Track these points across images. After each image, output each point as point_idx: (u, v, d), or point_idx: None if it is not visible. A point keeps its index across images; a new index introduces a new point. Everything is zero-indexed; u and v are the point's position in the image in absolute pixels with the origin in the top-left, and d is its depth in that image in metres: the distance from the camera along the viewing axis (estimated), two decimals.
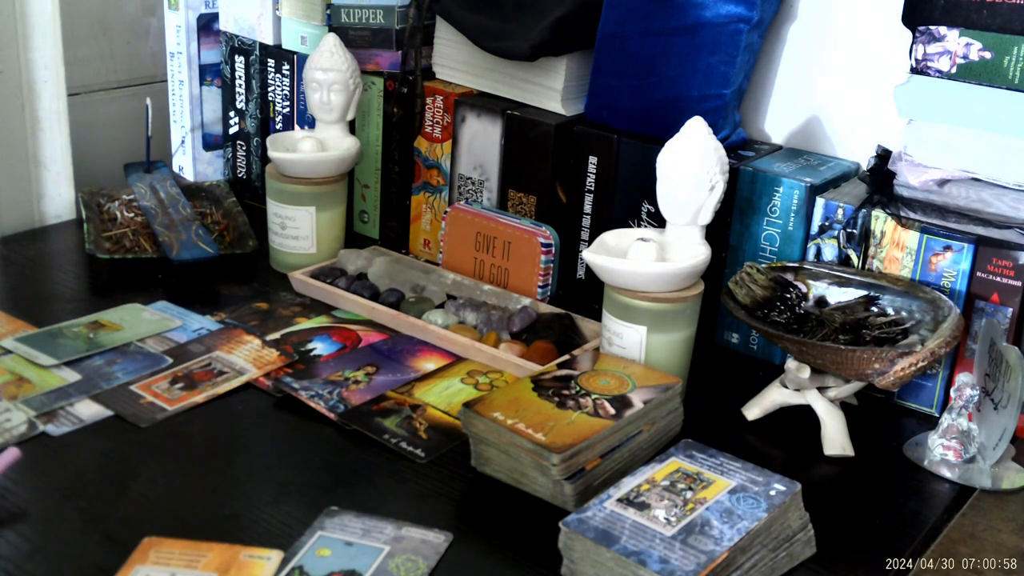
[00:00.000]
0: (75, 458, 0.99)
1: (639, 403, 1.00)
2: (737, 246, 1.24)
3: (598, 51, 1.30)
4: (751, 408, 1.13)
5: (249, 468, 1.00)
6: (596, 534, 0.83)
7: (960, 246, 1.11)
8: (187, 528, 0.90)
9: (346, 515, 0.92)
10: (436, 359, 1.20)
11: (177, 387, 1.11)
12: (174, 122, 1.65)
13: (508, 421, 0.96)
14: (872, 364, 1.02)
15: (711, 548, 0.82)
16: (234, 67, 1.59)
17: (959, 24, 1.08)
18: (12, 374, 1.10)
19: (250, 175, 1.63)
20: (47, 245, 1.46)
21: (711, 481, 0.90)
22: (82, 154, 1.56)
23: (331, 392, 1.11)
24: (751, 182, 1.22)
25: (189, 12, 1.59)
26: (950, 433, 1.06)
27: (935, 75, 1.10)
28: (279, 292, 1.35)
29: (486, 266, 1.34)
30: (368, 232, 1.54)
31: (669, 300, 1.10)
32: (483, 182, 1.40)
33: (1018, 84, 1.06)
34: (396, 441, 1.04)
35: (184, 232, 1.38)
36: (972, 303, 1.11)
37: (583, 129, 1.32)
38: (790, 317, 1.14)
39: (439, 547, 0.89)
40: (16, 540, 0.88)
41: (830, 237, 1.18)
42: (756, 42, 1.27)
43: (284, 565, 0.85)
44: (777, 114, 1.34)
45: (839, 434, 1.07)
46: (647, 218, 1.29)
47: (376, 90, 1.47)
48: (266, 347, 1.19)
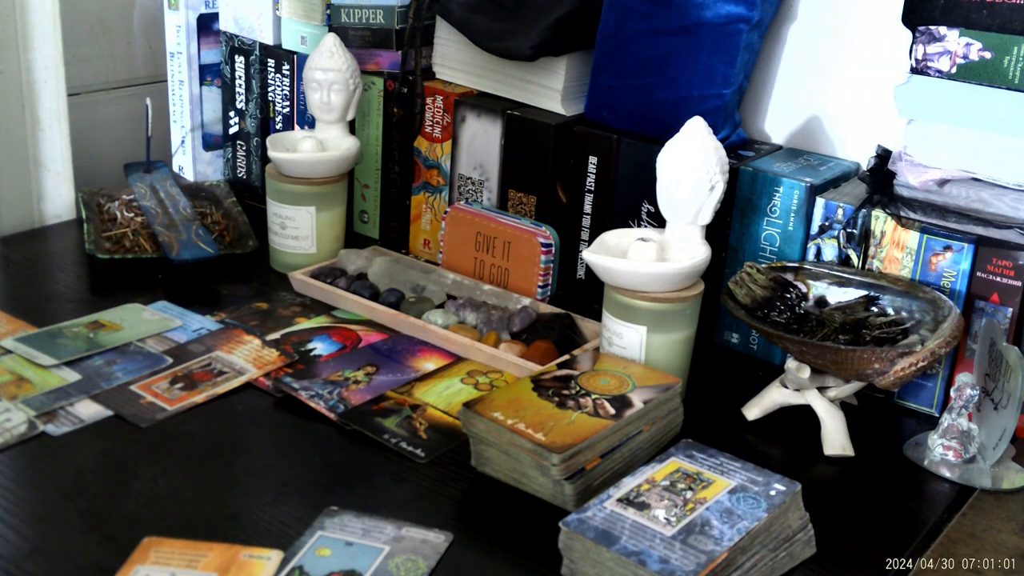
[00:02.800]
0: (75, 458, 0.99)
1: (639, 403, 1.00)
2: (737, 246, 1.24)
3: (598, 51, 1.30)
4: (751, 408, 1.13)
5: (249, 468, 1.00)
6: (596, 534, 0.83)
7: (960, 246, 1.11)
8: (187, 528, 0.90)
9: (346, 515, 0.92)
10: (436, 359, 1.20)
11: (177, 387, 1.11)
12: (174, 122, 1.65)
13: (508, 421, 0.96)
14: (872, 364, 1.02)
15: (711, 548, 0.82)
16: (234, 67, 1.59)
17: (959, 24, 1.08)
18: (12, 374, 1.10)
19: (250, 175, 1.63)
20: (47, 245, 1.46)
21: (711, 481, 0.90)
22: (82, 154, 1.56)
23: (331, 392, 1.11)
24: (751, 182, 1.22)
25: (189, 12, 1.59)
26: (950, 433, 1.06)
27: (935, 75, 1.10)
28: (279, 292, 1.35)
29: (486, 266, 1.34)
30: (368, 232, 1.54)
31: (669, 300, 1.10)
32: (483, 182, 1.40)
33: (1018, 84, 1.06)
34: (396, 441, 1.04)
35: (184, 232, 1.38)
36: (972, 303, 1.11)
37: (583, 129, 1.32)
38: (790, 317, 1.14)
39: (439, 547, 0.89)
40: (16, 540, 0.88)
41: (830, 237, 1.18)
42: (756, 42, 1.27)
43: (284, 565, 0.85)
44: (777, 114, 1.34)
45: (839, 434, 1.07)
46: (647, 218, 1.29)
47: (376, 90, 1.47)
48: (266, 347, 1.19)
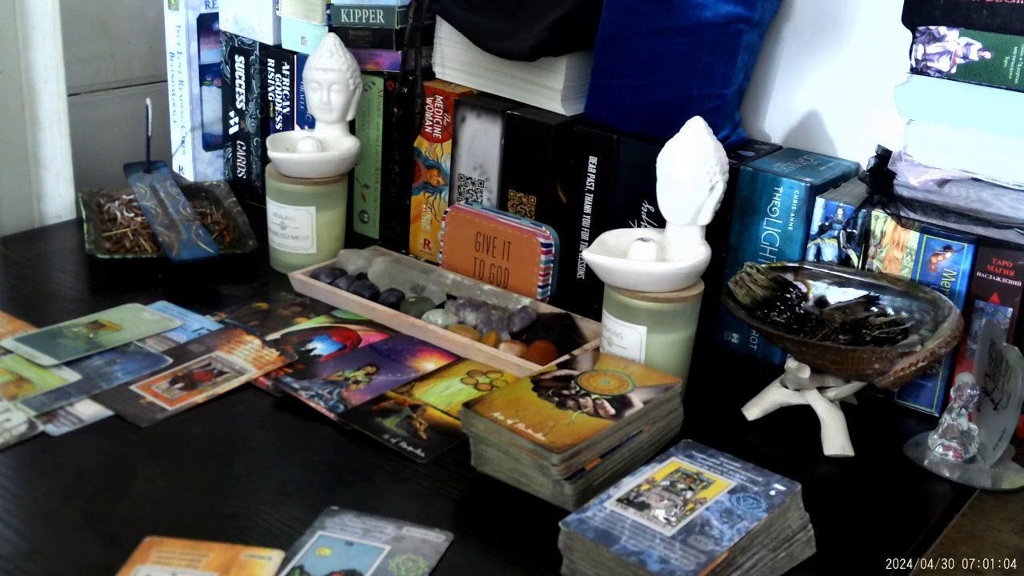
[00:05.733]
0: (75, 458, 0.99)
1: (639, 403, 1.00)
2: (737, 246, 1.24)
3: (598, 51, 1.30)
4: (751, 408, 1.13)
5: (249, 468, 1.00)
6: (596, 534, 0.83)
7: (960, 246, 1.11)
8: (187, 528, 0.90)
9: (346, 515, 0.92)
10: (436, 359, 1.20)
11: (177, 387, 1.11)
12: (174, 122, 1.65)
13: (508, 421, 0.96)
14: (872, 364, 1.02)
15: (711, 548, 0.82)
16: (234, 67, 1.59)
17: (959, 24, 1.08)
18: (12, 374, 1.10)
19: (250, 175, 1.63)
20: (47, 245, 1.46)
21: (711, 481, 0.90)
22: (82, 154, 1.56)
23: (331, 392, 1.11)
24: (751, 182, 1.22)
25: (189, 12, 1.59)
26: (950, 433, 1.06)
27: (935, 75, 1.10)
28: (279, 292, 1.35)
29: (486, 266, 1.34)
30: (368, 232, 1.54)
31: (669, 300, 1.10)
32: (483, 182, 1.40)
33: (1018, 84, 1.06)
34: (396, 441, 1.04)
35: (184, 232, 1.38)
36: (972, 303, 1.11)
37: (583, 129, 1.32)
38: (790, 317, 1.14)
39: (439, 547, 0.89)
40: (16, 540, 0.88)
41: (830, 237, 1.18)
42: (756, 42, 1.27)
43: (285, 565, 0.85)
44: (777, 114, 1.34)
45: (839, 434, 1.07)
46: (647, 218, 1.29)
47: (376, 90, 1.47)
48: (266, 347, 1.19)
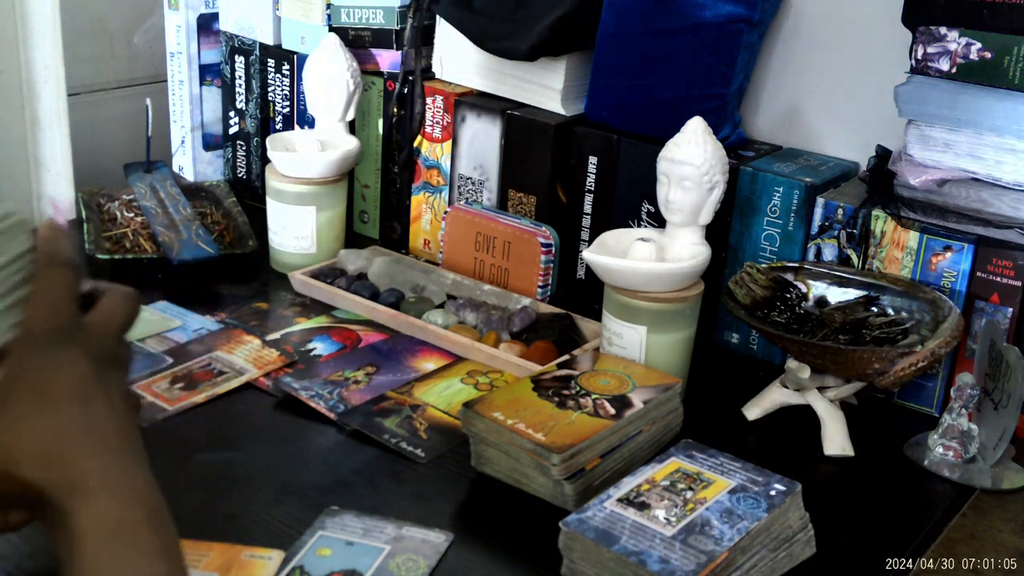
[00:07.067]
0: None
1: (639, 403, 1.00)
2: (737, 246, 1.24)
3: (598, 51, 1.30)
4: (751, 408, 1.13)
5: (249, 468, 1.00)
6: (596, 534, 0.83)
7: (960, 246, 1.11)
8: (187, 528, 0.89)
9: (346, 515, 0.92)
10: (436, 359, 1.20)
11: (177, 387, 1.11)
12: (174, 122, 1.65)
13: (508, 421, 0.96)
14: (872, 364, 1.02)
15: (711, 548, 0.82)
16: (234, 67, 1.59)
17: (959, 24, 1.08)
18: None
19: (250, 175, 1.63)
20: None
21: (711, 481, 0.90)
22: (82, 154, 1.56)
23: (331, 392, 1.11)
24: (751, 182, 1.22)
25: (189, 12, 1.59)
26: (950, 433, 1.06)
27: (935, 75, 1.10)
28: (279, 292, 1.35)
29: (486, 266, 1.34)
30: (368, 232, 1.54)
31: (669, 300, 1.10)
32: (483, 182, 1.40)
33: (1018, 84, 1.06)
34: (396, 441, 1.04)
35: (184, 232, 1.38)
36: (972, 303, 1.11)
37: (583, 129, 1.32)
38: (790, 317, 1.14)
39: (439, 547, 0.89)
40: (16, 540, 0.87)
41: (830, 237, 1.18)
42: (756, 42, 1.27)
43: (285, 565, 0.85)
44: (777, 114, 1.34)
45: (839, 434, 1.07)
46: (647, 218, 1.29)
47: (376, 90, 1.47)
48: (266, 347, 1.19)
